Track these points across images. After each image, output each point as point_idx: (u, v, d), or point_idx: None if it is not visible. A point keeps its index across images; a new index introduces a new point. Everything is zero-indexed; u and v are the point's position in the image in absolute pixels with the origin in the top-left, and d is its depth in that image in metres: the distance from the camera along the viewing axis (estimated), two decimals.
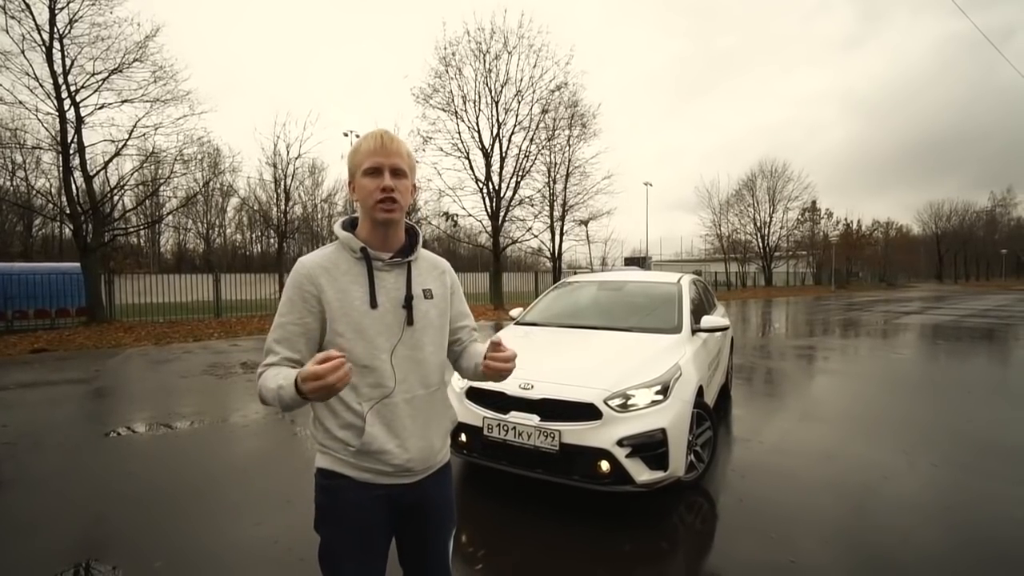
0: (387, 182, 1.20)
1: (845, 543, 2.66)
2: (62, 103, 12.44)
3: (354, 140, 27.42)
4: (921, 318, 15.84)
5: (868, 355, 9.06)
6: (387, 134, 1.23)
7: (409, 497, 1.28)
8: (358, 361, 1.19)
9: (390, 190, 1.20)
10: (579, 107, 19.45)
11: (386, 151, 1.21)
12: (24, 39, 11.83)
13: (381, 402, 1.22)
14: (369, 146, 1.21)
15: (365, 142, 1.23)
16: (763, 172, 41.49)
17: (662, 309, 4.18)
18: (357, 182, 1.23)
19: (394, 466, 1.23)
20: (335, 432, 1.23)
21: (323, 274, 1.22)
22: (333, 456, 1.24)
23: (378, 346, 1.22)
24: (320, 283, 1.21)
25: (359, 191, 1.23)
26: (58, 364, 8.11)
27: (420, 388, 1.29)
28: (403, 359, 1.25)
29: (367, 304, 1.22)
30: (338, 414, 1.22)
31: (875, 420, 4.93)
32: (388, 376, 1.23)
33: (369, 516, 1.24)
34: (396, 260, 1.27)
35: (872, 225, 54.64)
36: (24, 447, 4.17)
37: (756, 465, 3.72)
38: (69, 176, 12.89)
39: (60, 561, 2.47)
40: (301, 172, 27.80)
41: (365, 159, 1.21)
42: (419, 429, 1.27)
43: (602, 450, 2.77)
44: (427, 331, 1.30)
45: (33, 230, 33.76)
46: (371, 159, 1.20)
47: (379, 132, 1.23)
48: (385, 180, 1.20)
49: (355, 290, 1.22)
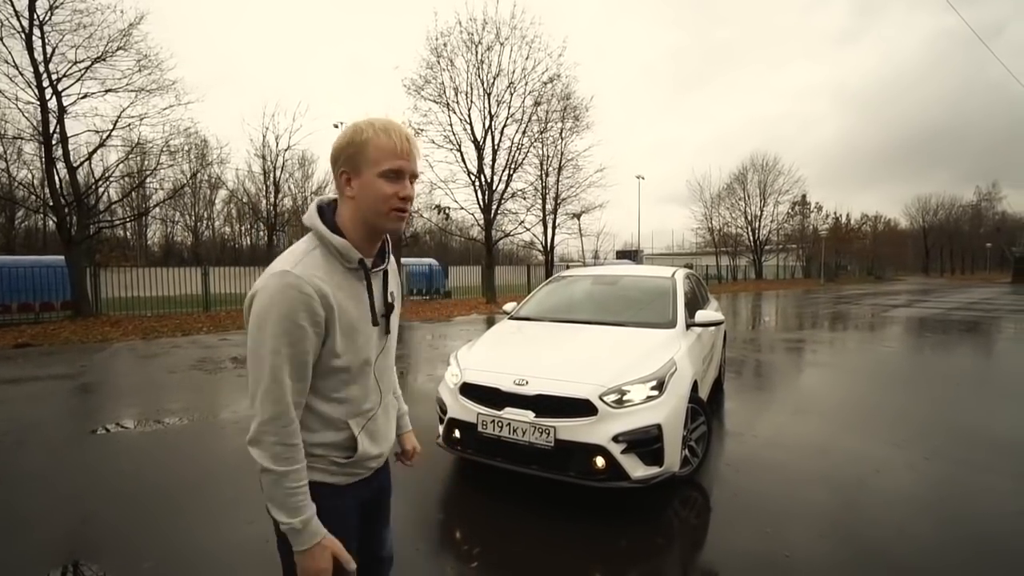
0: (410, 191, 1.10)
1: (839, 537, 2.67)
2: (43, 92, 12.13)
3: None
4: (909, 311, 16.05)
5: (857, 348, 9.15)
6: (409, 134, 1.11)
7: (369, 489, 1.26)
8: (352, 380, 1.14)
9: (411, 200, 1.11)
10: (572, 100, 19.32)
11: (411, 155, 1.09)
12: (2, 25, 11.50)
13: (370, 418, 1.20)
14: (393, 146, 1.06)
15: (386, 138, 1.06)
16: (754, 166, 41.65)
17: (656, 304, 4.17)
18: (368, 181, 1.07)
19: (371, 468, 1.23)
20: (320, 450, 1.13)
21: (329, 292, 1.05)
22: (313, 468, 1.11)
23: (369, 362, 1.17)
24: (330, 303, 1.05)
25: (369, 192, 1.08)
26: (43, 359, 7.95)
27: (389, 393, 1.29)
28: (382, 369, 1.23)
29: (367, 322, 1.14)
30: (325, 432, 1.13)
31: (866, 413, 4.98)
32: (375, 390, 1.20)
33: (350, 516, 1.20)
34: (378, 269, 1.20)
35: (861, 219, 55.26)
36: (7, 445, 4.07)
37: (750, 459, 3.73)
38: (52, 167, 12.60)
39: (45, 562, 2.42)
40: (291, 164, 27.45)
41: (386, 159, 1.06)
42: (389, 430, 1.29)
43: (597, 446, 2.76)
44: (393, 336, 1.27)
45: (16, 222, 33.08)
46: (395, 161, 1.07)
47: (402, 130, 1.09)
48: (407, 188, 1.10)
49: (352, 307, 1.11)
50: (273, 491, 1.03)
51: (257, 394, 1.01)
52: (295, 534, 1.04)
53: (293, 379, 1.03)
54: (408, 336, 10.62)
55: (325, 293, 1.04)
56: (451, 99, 17.89)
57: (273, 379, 1.00)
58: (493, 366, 3.25)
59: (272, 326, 1.00)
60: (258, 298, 1.02)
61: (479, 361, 3.38)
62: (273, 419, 1.01)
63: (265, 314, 1.00)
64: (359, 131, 1.08)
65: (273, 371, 1.00)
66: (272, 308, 1.00)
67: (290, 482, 1.03)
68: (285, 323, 1.00)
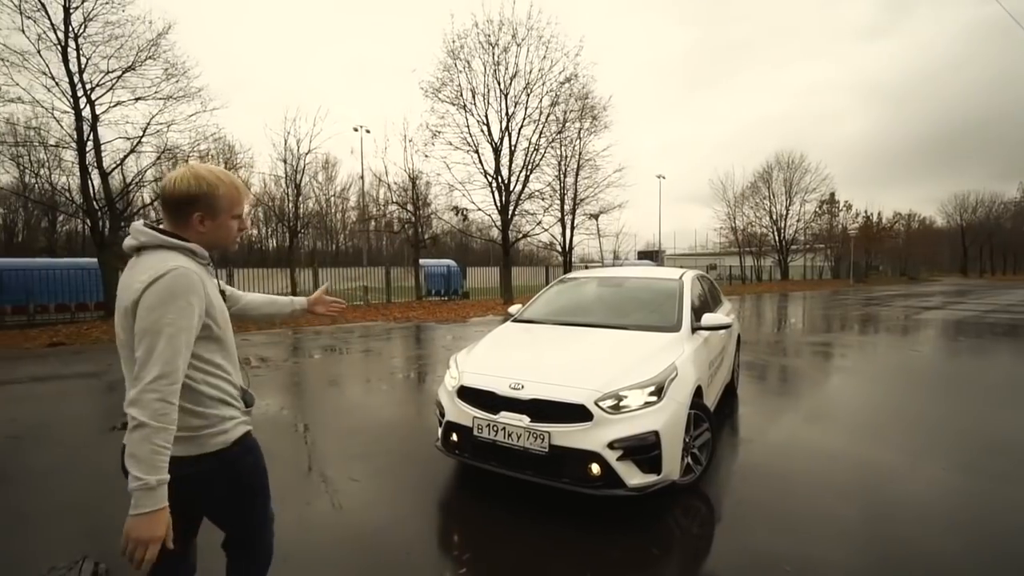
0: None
1: (848, 551, 2.55)
2: (78, 101, 12.64)
3: (364, 135, 27.37)
4: (942, 313, 15.39)
5: (885, 352, 8.81)
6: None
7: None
8: (231, 347, 1.50)
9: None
10: (589, 99, 19.17)
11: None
12: (40, 38, 12.03)
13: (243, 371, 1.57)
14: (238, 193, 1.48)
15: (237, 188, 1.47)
16: (779, 164, 40.55)
17: (662, 306, 4.08)
18: (224, 222, 1.46)
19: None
20: (227, 409, 1.45)
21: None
22: (237, 421, 1.47)
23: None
24: (206, 289, 1.37)
25: (227, 230, 1.49)
26: (72, 358, 8.28)
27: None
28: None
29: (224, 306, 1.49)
30: (229, 390, 1.47)
31: (889, 421, 4.78)
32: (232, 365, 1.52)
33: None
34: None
35: (893, 217, 53.15)
36: (29, 441, 4.24)
37: (759, 467, 3.62)
38: (86, 173, 13.12)
39: (58, 556, 2.49)
40: (312, 167, 27.99)
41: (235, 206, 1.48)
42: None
43: (592, 452, 2.71)
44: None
45: (57, 226, 34.63)
46: (242, 206, 1.51)
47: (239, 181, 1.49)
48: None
49: (215, 296, 1.43)
50: (140, 447, 1.15)
51: (147, 362, 1.20)
52: (146, 493, 1.14)
53: (184, 342, 1.26)
54: (425, 337, 10.69)
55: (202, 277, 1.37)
56: (468, 101, 17.97)
57: (173, 337, 1.23)
58: (491, 369, 3.23)
59: (171, 304, 1.26)
60: (154, 287, 1.26)
61: (477, 364, 3.36)
62: (160, 377, 1.19)
63: (165, 294, 1.26)
64: (224, 184, 1.44)
65: (172, 333, 1.24)
66: (174, 290, 1.27)
67: (160, 440, 1.17)
68: (181, 299, 1.27)
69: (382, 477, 3.51)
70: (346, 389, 6.19)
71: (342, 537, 2.73)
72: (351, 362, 8.01)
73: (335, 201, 37.52)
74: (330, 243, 46.23)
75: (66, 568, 2.40)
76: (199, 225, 1.39)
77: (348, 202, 37.13)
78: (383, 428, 4.54)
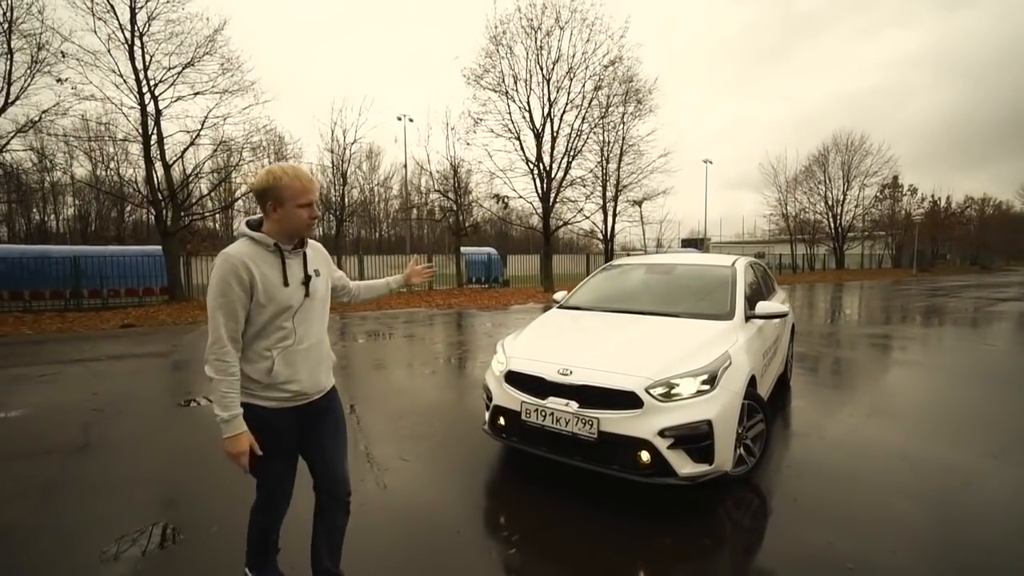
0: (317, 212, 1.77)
1: (915, 553, 2.43)
2: (143, 97, 13.42)
3: (408, 124, 27.65)
4: (1020, 305, 14.21)
5: (953, 346, 8.24)
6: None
7: (311, 410, 1.83)
8: (273, 321, 1.68)
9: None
10: (634, 82, 18.66)
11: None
12: (110, 39, 12.80)
13: (286, 350, 1.71)
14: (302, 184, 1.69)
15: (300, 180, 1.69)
16: (837, 146, 38.17)
17: (714, 294, 3.95)
18: (291, 210, 1.69)
19: (291, 393, 1.74)
20: (250, 380, 1.70)
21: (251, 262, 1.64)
22: (248, 393, 1.70)
23: (286, 310, 1.70)
24: (251, 268, 1.63)
25: (295, 216, 1.70)
26: (142, 338, 8.89)
27: (311, 340, 1.78)
28: (300, 319, 1.74)
29: (281, 282, 1.70)
30: (256, 364, 1.69)
31: (958, 419, 4.48)
32: (292, 332, 1.72)
33: (281, 425, 1.76)
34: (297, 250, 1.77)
35: (964, 202, 49.19)
36: (109, 414, 4.60)
37: (815, 462, 3.48)
38: (150, 165, 13.95)
39: (131, 521, 2.70)
40: (357, 156, 28.64)
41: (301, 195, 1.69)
42: (313, 373, 1.79)
43: (642, 440, 2.68)
44: (315, 299, 1.80)
45: (125, 216, 37.05)
46: (307, 196, 1.70)
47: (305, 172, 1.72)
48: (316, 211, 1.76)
49: (273, 274, 1.68)
50: (213, 394, 1.64)
51: (209, 330, 1.62)
52: (225, 424, 1.62)
53: (226, 319, 1.60)
54: (466, 324, 10.84)
55: (248, 263, 1.63)
56: (510, 87, 17.87)
57: (213, 318, 1.61)
58: (538, 355, 3.23)
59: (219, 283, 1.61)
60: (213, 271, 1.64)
61: (524, 350, 3.37)
62: (213, 343, 1.61)
63: (213, 278, 1.62)
64: (278, 176, 1.67)
65: (219, 305, 1.61)
66: (214, 273, 1.63)
67: (224, 387, 1.62)
68: (226, 281, 1.60)
69: (430, 457, 3.60)
70: (392, 373, 6.37)
71: (394, 513, 2.82)
72: (396, 346, 8.22)
73: (378, 190, 38.39)
74: (374, 231, 47.35)
75: (139, 532, 2.60)
76: (273, 213, 1.69)
77: (391, 191, 37.94)
78: (429, 411, 4.65)
